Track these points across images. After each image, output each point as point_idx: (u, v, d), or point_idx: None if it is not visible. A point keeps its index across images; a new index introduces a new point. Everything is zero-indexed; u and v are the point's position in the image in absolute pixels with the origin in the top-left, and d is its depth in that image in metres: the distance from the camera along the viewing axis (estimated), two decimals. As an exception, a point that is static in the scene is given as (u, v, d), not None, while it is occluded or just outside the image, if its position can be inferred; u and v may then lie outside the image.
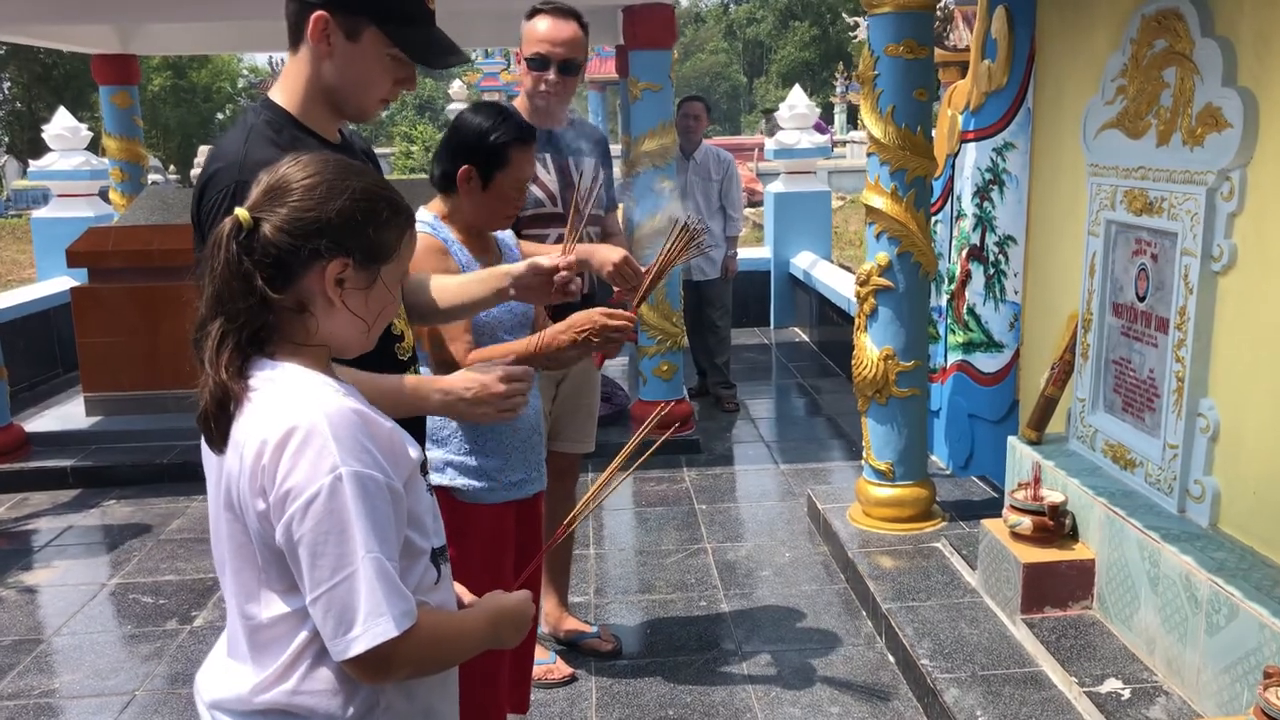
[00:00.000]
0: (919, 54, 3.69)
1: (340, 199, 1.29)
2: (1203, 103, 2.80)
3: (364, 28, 1.64)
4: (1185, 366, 2.87)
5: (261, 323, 1.28)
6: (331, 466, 1.20)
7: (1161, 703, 2.64)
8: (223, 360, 1.27)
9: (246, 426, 1.26)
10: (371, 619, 1.20)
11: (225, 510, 1.31)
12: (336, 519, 1.20)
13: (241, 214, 1.27)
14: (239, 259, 1.26)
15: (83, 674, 3.36)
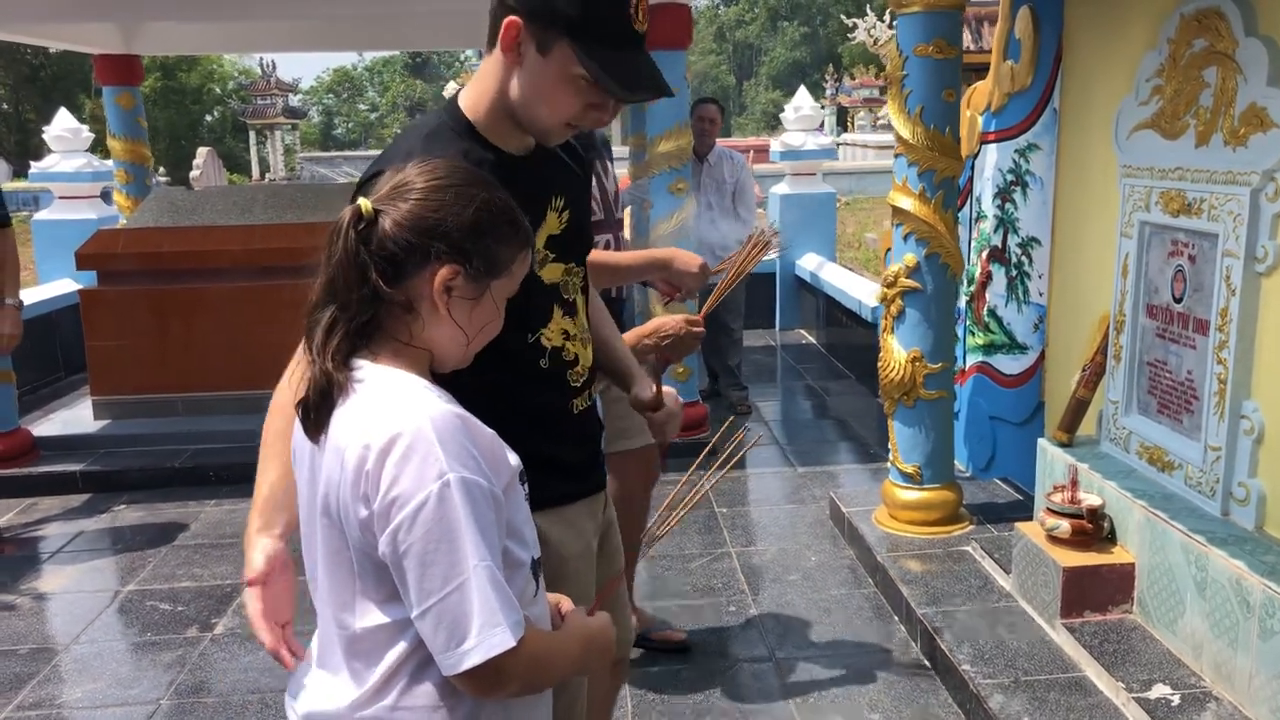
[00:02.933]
0: (948, 54, 3.67)
1: (464, 206, 1.27)
2: (1246, 103, 2.78)
3: (556, 41, 1.48)
4: (1227, 368, 2.85)
5: (370, 315, 1.25)
6: (439, 473, 1.16)
7: (1212, 708, 2.61)
8: (330, 348, 1.24)
9: (347, 429, 1.22)
10: (487, 629, 1.16)
11: (321, 515, 1.27)
12: (446, 527, 1.16)
13: (364, 205, 1.26)
14: (357, 248, 1.24)
15: (105, 683, 3.30)
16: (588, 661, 1.36)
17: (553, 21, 1.47)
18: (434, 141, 1.52)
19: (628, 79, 1.50)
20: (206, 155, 13.92)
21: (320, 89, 49.25)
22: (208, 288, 5.57)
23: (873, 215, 14.71)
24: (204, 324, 5.56)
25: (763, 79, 50.29)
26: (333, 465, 1.23)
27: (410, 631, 1.23)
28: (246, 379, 5.61)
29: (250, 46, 9.75)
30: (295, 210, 5.94)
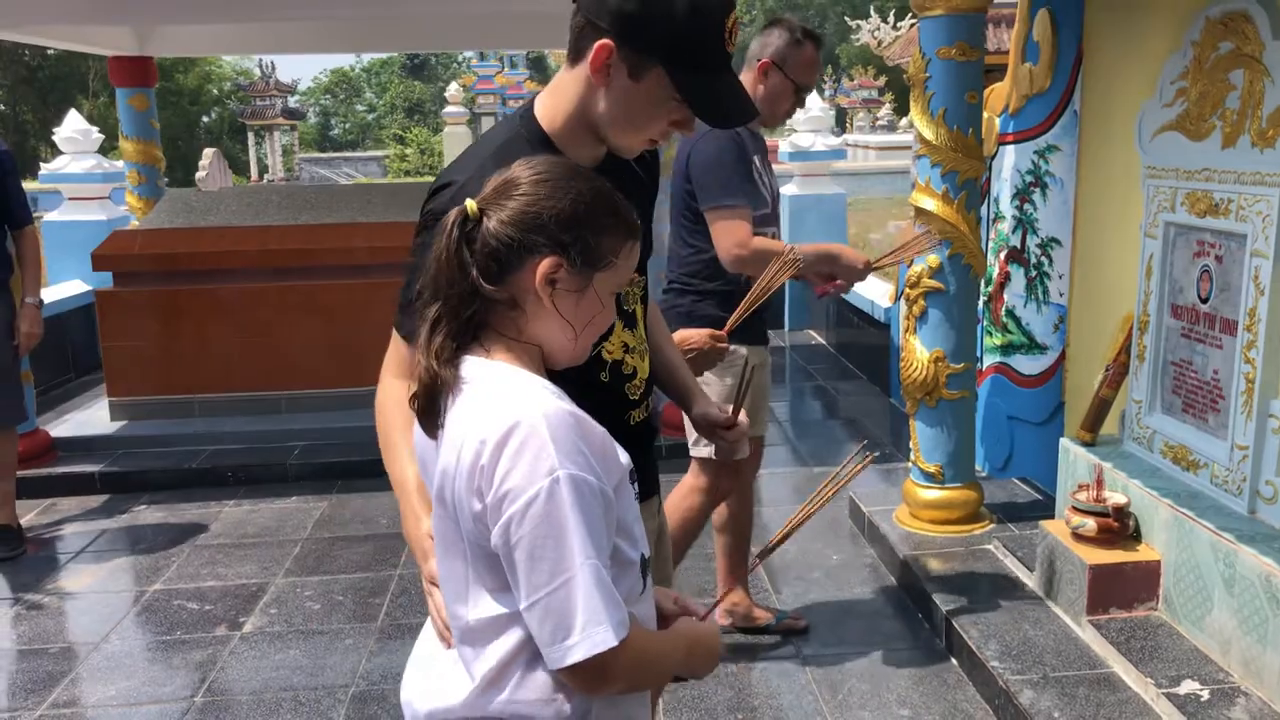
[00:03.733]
0: (970, 56, 3.70)
1: (563, 198, 1.28)
2: (1274, 105, 2.81)
3: (651, 68, 1.47)
4: (1255, 368, 2.88)
5: (472, 313, 1.27)
6: (550, 469, 1.18)
7: (1242, 704, 2.64)
8: (434, 345, 1.26)
9: (463, 422, 1.24)
10: (591, 626, 1.17)
11: (438, 505, 1.30)
12: (555, 523, 1.17)
13: (470, 205, 1.28)
14: (459, 248, 1.26)
15: (137, 681, 3.32)
16: (692, 665, 1.37)
17: (648, 47, 1.46)
18: (506, 153, 1.52)
19: (721, 106, 1.51)
20: (213, 156, 13.92)
21: (318, 90, 49.22)
22: (223, 289, 5.59)
23: (875, 216, 14.74)
24: (220, 325, 5.58)
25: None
26: (449, 459, 1.25)
27: (522, 626, 1.24)
28: (262, 380, 5.65)
29: (262, 48, 9.77)
30: (310, 211, 5.95)
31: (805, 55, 3.08)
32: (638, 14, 1.44)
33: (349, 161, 30.07)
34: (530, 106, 1.63)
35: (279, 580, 4.06)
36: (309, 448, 5.38)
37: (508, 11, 6.88)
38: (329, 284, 5.62)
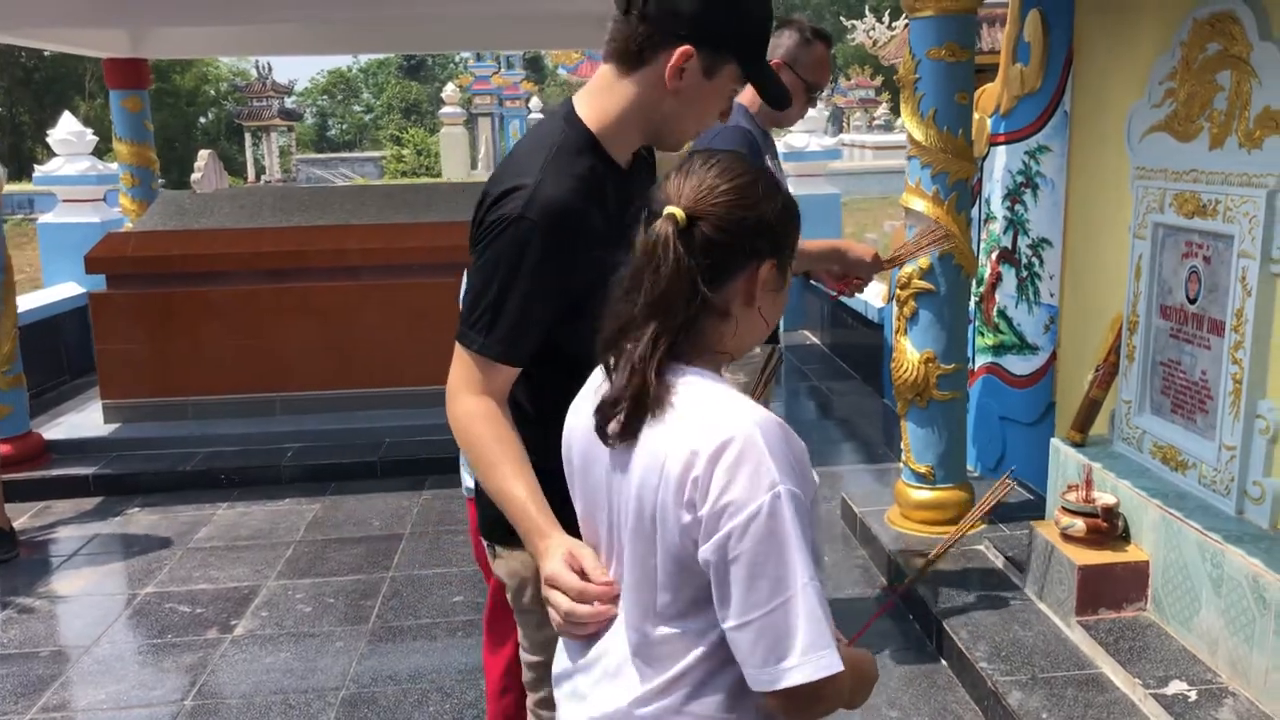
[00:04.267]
0: (960, 57, 3.70)
1: (773, 200, 1.27)
2: (1261, 106, 2.82)
3: (725, 65, 1.58)
4: (1243, 368, 2.88)
5: (685, 322, 1.23)
6: (771, 484, 1.14)
7: (1229, 704, 2.65)
8: (653, 363, 1.22)
9: (669, 435, 1.20)
10: (814, 650, 1.12)
11: (633, 520, 1.25)
12: (776, 541, 1.13)
13: (678, 213, 1.23)
14: (686, 259, 1.21)
15: (128, 684, 3.32)
16: (855, 693, 1.30)
17: (724, 46, 1.56)
18: (564, 154, 1.57)
19: (779, 88, 1.65)
20: (208, 158, 13.91)
21: (315, 90, 49.19)
22: (217, 291, 5.59)
23: (872, 215, 14.75)
24: (213, 327, 5.58)
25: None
26: (648, 472, 1.21)
27: (708, 639, 1.21)
28: (256, 382, 5.65)
29: (257, 49, 9.78)
30: (303, 213, 5.95)
31: (816, 54, 3.05)
32: (718, 18, 1.55)
33: (345, 162, 30.04)
34: (570, 108, 1.65)
35: (271, 583, 4.06)
36: (302, 450, 5.38)
37: (504, 13, 6.89)
38: (322, 286, 5.62)
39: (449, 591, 3.92)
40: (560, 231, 1.53)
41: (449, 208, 5.79)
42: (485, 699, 3.04)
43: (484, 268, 1.57)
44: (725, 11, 1.55)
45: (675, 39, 1.54)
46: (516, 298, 1.54)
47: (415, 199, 6.00)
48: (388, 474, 5.18)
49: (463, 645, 3.50)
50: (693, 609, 1.22)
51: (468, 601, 3.82)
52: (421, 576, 4.07)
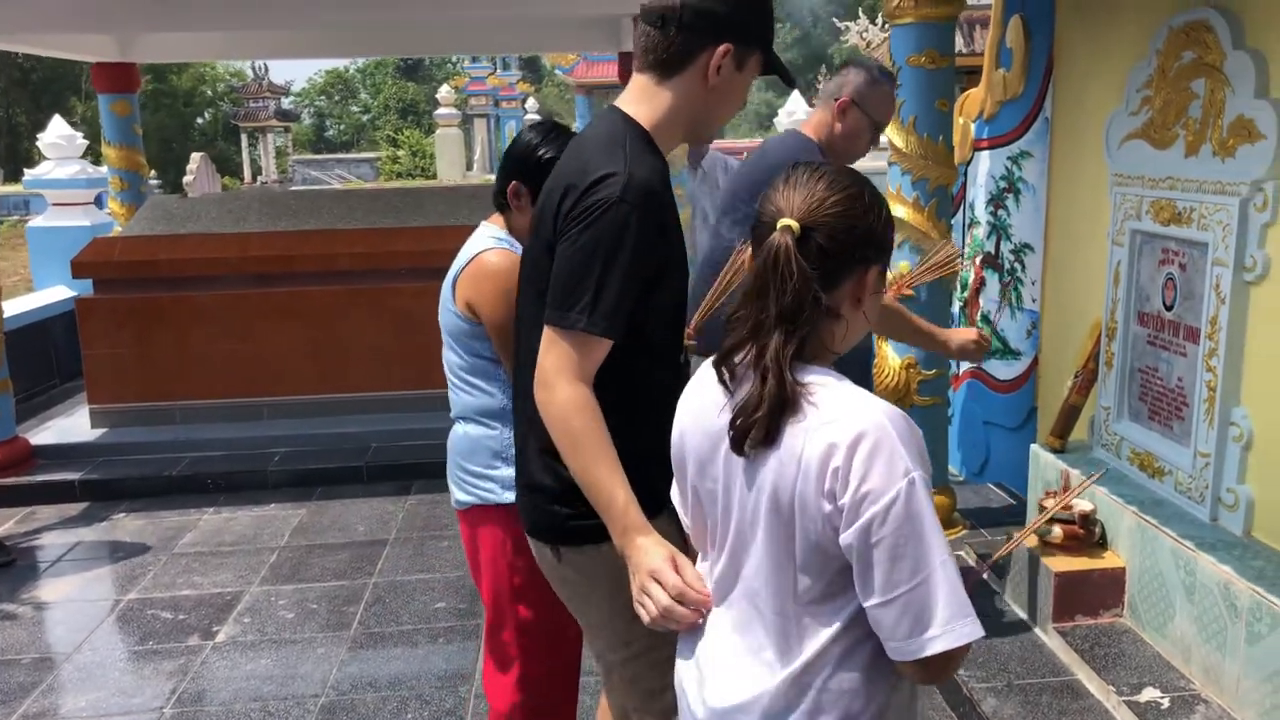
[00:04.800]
0: (940, 64, 3.70)
1: (877, 210, 1.36)
2: (1234, 114, 2.82)
3: (751, 55, 1.73)
4: (1217, 375, 2.89)
5: (810, 328, 1.32)
6: (904, 470, 1.23)
7: (1201, 711, 2.66)
8: (786, 366, 1.30)
9: (805, 431, 1.28)
10: (956, 620, 1.23)
11: (768, 514, 1.32)
12: (914, 523, 1.23)
13: (793, 224, 1.32)
14: (805, 267, 1.30)
15: (108, 691, 3.32)
16: None
17: (755, 39, 1.73)
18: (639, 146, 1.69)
19: (786, 72, 1.82)
20: (200, 161, 13.91)
21: (313, 91, 49.15)
22: (203, 296, 5.59)
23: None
24: (200, 332, 5.58)
25: (756, 80, 50.34)
26: (785, 465, 1.29)
27: (844, 616, 1.30)
28: (244, 386, 5.65)
29: (246, 54, 9.77)
30: (289, 218, 5.96)
31: (883, 93, 3.04)
32: (746, 15, 1.72)
33: (341, 163, 30.03)
34: (622, 113, 1.74)
35: (254, 589, 4.06)
36: (289, 454, 5.38)
37: (504, 18, 6.90)
38: (309, 290, 5.62)
39: (432, 597, 3.93)
40: (653, 213, 1.64)
41: (436, 212, 5.80)
42: (474, 716, 3.07)
43: (583, 249, 1.62)
44: (750, 7, 1.72)
45: (713, 40, 1.69)
46: (618, 275, 1.60)
47: (402, 203, 6.01)
48: (374, 479, 5.19)
49: (444, 652, 3.51)
50: (831, 590, 1.32)
51: (450, 608, 3.82)
52: (405, 582, 4.07)
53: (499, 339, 2.20)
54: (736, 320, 1.36)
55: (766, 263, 1.32)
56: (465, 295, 2.22)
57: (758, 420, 1.30)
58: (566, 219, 1.65)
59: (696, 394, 1.47)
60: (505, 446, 2.25)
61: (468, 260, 2.25)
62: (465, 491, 2.32)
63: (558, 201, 1.68)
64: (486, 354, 2.25)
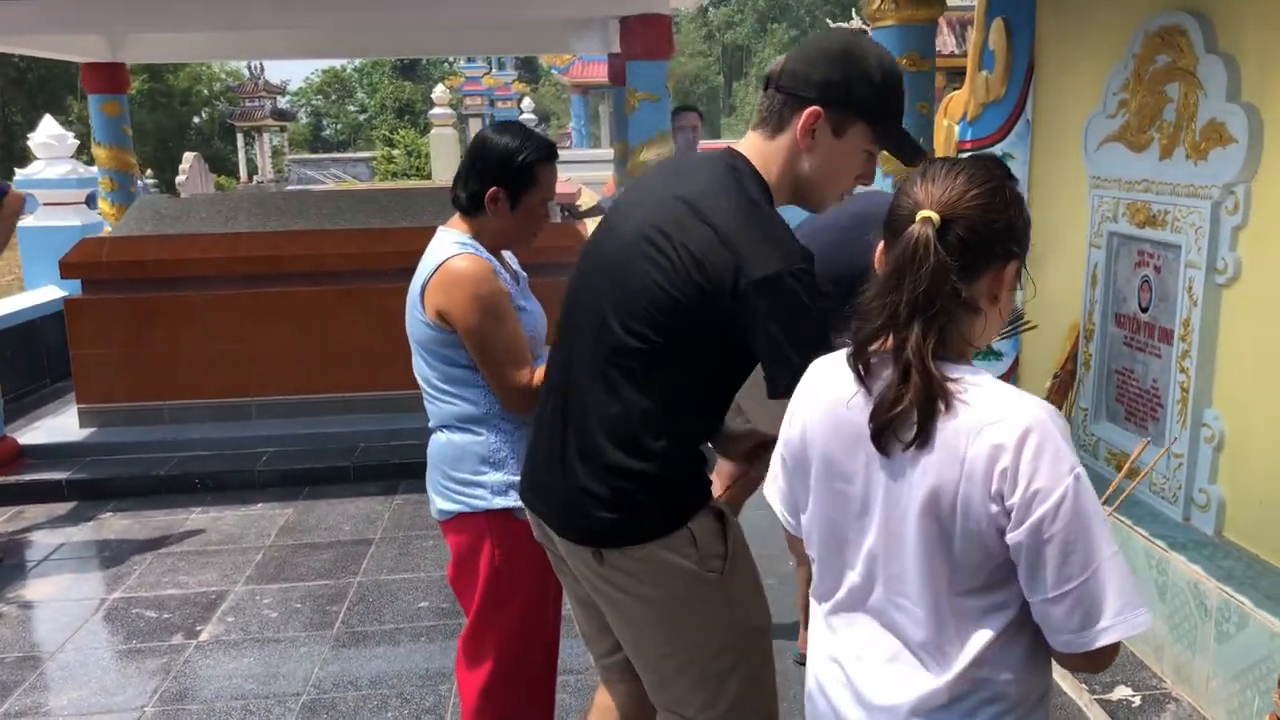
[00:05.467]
0: (921, 66, 3.74)
1: (1018, 205, 1.37)
2: (1206, 118, 2.85)
3: (852, 124, 1.71)
4: (1189, 377, 2.92)
5: (949, 319, 1.31)
6: (1070, 467, 1.25)
7: (1172, 709, 2.68)
8: (928, 358, 1.29)
9: (968, 432, 1.28)
10: (1126, 610, 1.25)
11: (921, 516, 1.31)
12: (1082, 518, 1.24)
13: (934, 216, 1.31)
14: (944, 257, 1.30)
15: (89, 690, 3.34)
16: None
17: (853, 107, 1.70)
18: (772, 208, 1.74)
19: (908, 148, 1.77)
20: (193, 161, 13.93)
21: (309, 90, 49.15)
22: (193, 295, 5.60)
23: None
24: (189, 332, 5.59)
25: (752, 80, 50.37)
26: (946, 468, 1.29)
27: (1001, 613, 1.32)
28: (232, 387, 5.67)
29: (238, 54, 9.78)
30: (279, 218, 5.97)
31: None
32: (841, 80, 1.69)
33: (337, 163, 30.02)
34: (749, 165, 1.76)
35: (239, 588, 4.08)
36: (277, 454, 5.40)
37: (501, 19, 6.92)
38: (298, 290, 5.63)
39: (415, 596, 3.94)
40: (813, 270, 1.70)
41: (425, 212, 5.81)
42: (455, 714, 3.09)
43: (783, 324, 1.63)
44: (847, 74, 1.70)
45: (806, 101, 1.71)
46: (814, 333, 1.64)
47: (391, 204, 6.02)
48: (361, 479, 5.20)
49: (425, 651, 3.53)
50: (989, 585, 1.32)
51: (433, 607, 3.84)
52: (389, 581, 4.09)
53: (473, 345, 2.18)
54: (869, 311, 1.35)
55: (904, 252, 1.31)
56: (435, 303, 2.18)
57: (906, 417, 1.30)
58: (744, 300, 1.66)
59: (823, 388, 1.44)
60: (492, 451, 2.24)
61: (435, 267, 2.20)
62: (451, 500, 2.28)
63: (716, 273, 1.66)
64: (463, 361, 2.22)
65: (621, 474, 1.74)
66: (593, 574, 1.84)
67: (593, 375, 1.78)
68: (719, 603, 1.82)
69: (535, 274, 2.55)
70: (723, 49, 53.86)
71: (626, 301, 1.73)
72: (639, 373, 1.73)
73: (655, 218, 1.74)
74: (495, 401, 2.24)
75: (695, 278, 1.67)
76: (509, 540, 2.26)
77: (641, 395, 1.73)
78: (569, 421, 1.81)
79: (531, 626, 2.35)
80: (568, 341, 1.88)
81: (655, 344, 1.71)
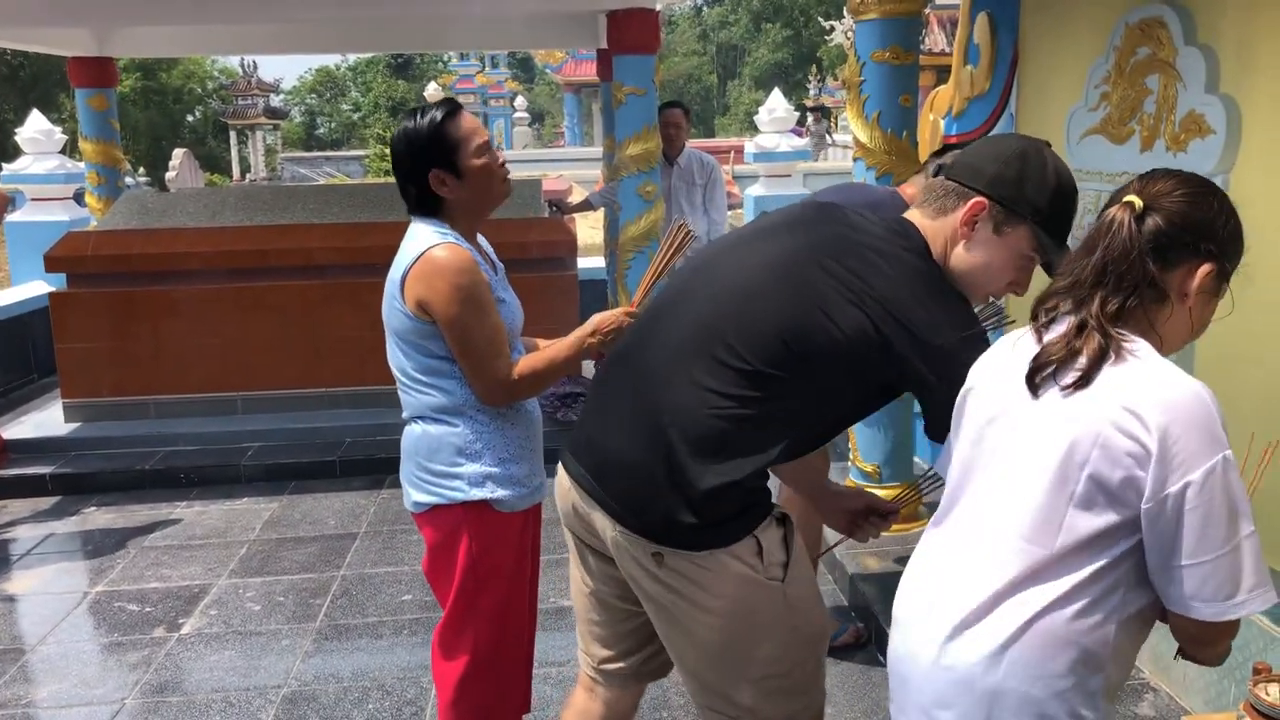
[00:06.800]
0: (905, 60, 3.73)
1: (1226, 216, 1.43)
2: (1186, 109, 2.85)
3: (1016, 225, 1.71)
4: (1170, 368, 2.92)
5: (1133, 298, 1.39)
6: (1220, 446, 1.31)
7: (1150, 699, 2.68)
8: (1105, 318, 1.38)
9: (1124, 389, 1.34)
10: (1260, 589, 1.32)
11: (1060, 454, 1.37)
12: (1229, 494, 1.31)
13: (1136, 201, 1.40)
14: (1137, 237, 1.38)
15: (69, 683, 3.33)
16: None
17: (1018, 206, 1.70)
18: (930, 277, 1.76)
19: (1057, 258, 1.72)
20: (183, 157, 13.91)
21: (303, 89, 49.10)
22: (179, 290, 5.59)
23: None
24: (174, 326, 5.58)
25: (745, 80, 50.41)
26: (1094, 417, 1.35)
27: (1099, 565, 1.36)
28: (217, 381, 5.66)
29: (226, 49, 9.76)
30: (266, 213, 5.96)
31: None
32: (1014, 179, 1.70)
33: (330, 161, 30.02)
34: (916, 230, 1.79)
35: (222, 581, 4.07)
36: (263, 449, 5.39)
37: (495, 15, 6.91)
38: (285, 285, 5.62)
39: (398, 590, 3.94)
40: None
41: (412, 207, 5.80)
42: (435, 707, 3.08)
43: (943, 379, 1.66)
44: (1020, 176, 1.70)
45: (973, 192, 1.72)
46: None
47: (378, 198, 6.01)
48: (347, 473, 5.20)
49: (408, 643, 3.52)
50: (1096, 539, 1.37)
51: (416, 600, 3.84)
52: (372, 575, 4.08)
53: (453, 336, 2.15)
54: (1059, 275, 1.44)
55: (1099, 227, 1.42)
56: (416, 294, 2.15)
57: (1071, 361, 1.37)
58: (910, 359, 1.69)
59: (999, 352, 1.53)
60: (469, 443, 2.22)
61: (416, 256, 2.16)
62: (426, 492, 2.25)
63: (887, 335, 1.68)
64: (441, 353, 2.19)
65: (708, 480, 1.70)
66: (645, 574, 1.80)
67: (685, 375, 1.74)
68: (779, 609, 1.80)
69: (525, 269, 2.54)
70: (716, 48, 53.84)
71: (780, 322, 1.71)
72: (757, 385, 1.70)
73: (827, 247, 1.76)
74: (472, 393, 2.23)
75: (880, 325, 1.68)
76: (486, 532, 2.25)
77: (750, 408, 1.70)
78: (642, 412, 1.76)
79: (507, 618, 2.34)
80: (657, 329, 1.84)
81: (792, 365, 1.70)
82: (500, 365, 2.20)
